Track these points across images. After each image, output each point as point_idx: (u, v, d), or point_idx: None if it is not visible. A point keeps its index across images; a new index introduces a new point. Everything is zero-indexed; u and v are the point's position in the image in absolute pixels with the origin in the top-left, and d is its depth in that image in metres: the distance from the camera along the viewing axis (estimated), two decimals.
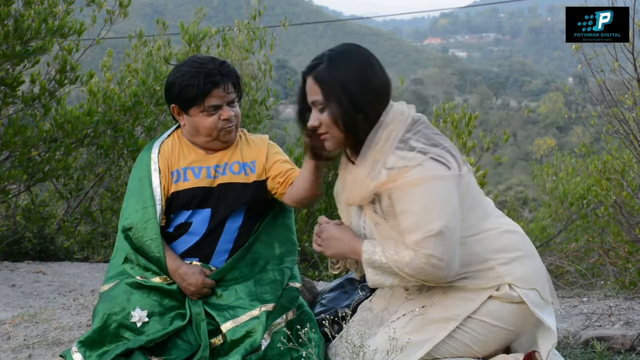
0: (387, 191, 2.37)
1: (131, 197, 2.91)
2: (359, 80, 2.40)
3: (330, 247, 2.55)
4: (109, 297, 2.75)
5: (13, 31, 4.92)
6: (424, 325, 2.44)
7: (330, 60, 2.43)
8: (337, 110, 2.40)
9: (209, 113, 2.83)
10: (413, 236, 2.32)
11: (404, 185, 2.33)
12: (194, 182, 2.88)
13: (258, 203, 2.92)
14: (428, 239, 2.30)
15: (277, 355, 2.63)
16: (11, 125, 5.03)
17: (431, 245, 2.30)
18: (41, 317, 3.53)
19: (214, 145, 2.91)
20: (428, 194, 2.31)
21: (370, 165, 2.41)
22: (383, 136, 2.40)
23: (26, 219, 5.54)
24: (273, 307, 2.73)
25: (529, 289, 2.43)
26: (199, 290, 2.78)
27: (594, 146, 7.29)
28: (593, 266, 5.31)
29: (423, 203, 2.31)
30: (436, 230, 2.29)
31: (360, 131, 2.43)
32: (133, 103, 5.67)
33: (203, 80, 2.79)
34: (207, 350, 2.65)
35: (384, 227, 2.44)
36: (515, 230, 2.53)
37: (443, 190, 2.33)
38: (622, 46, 4.32)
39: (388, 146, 2.38)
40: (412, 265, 2.33)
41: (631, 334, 3.00)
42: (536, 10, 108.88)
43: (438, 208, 2.31)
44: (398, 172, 2.34)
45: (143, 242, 2.82)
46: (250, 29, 7.22)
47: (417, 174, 2.32)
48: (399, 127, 2.41)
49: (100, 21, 5.97)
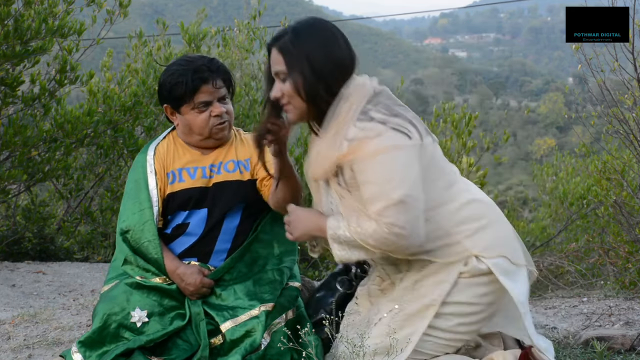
0: (349, 163, 2.37)
1: (128, 199, 2.91)
2: (322, 51, 2.41)
3: (297, 229, 2.55)
4: (108, 297, 2.75)
5: (13, 31, 4.92)
6: (405, 320, 2.43)
7: (294, 32, 2.45)
8: (299, 79, 2.41)
9: (200, 110, 2.85)
10: (375, 206, 2.31)
11: (365, 156, 2.32)
12: (190, 183, 2.88)
13: (255, 202, 2.92)
14: (389, 207, 2.29)
15: (276, 355, 2.63)
16: (11, 125, 5.03)
17: (393, 213, 2.28)
18: (41, 317, 3.53)
19: (208, 143, 2.92)
20: (388, 164, 2.31)
21: (332, 137, 2.40)
22: (344, 108, 2.40)
23: (26, 219, 5.54)
24: (272, 306, 2.73)
25: (496, 257, 2.42)
26: (198, 290, 2.78)
27: (594, 146, 7.29)
28: (593, 266, 5.31)
29: (383, 172, 2.30)
30: (397, 198, 2.28)
31: (322, 102, 2.43)
32: (133, 103, 5.67)
33: (191, 77, 2.81)
34: (206, 350, 2.65)
35: (348, 199, 2.43)
36: (477, 198, 2.51)
37: (404, 159, 2.32)
38: (622, 46, 4.32)
39: (349, 118, 2.38)
40: (376, 235, 2.32)
41: (631, 334, 3.00)
42: (536, 10, 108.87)
43: (399, 177, 2.30)
44: (358, 143, 2.33)
45: (141, 244, 2.83)
46: (250, 29, 7.22)
47: (377, 144, 2.31)
48: (359, 98, 2.40)
49: (100, 21, 5.97)
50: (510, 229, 2.56)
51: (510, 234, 2.53)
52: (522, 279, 2.49)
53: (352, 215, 2.40)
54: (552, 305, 3.81)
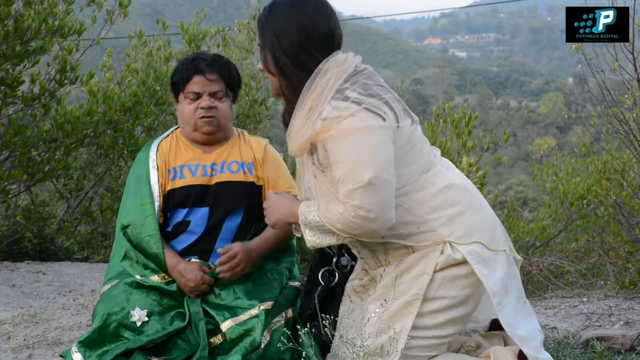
0: (322, 141, 2.35)
1: (129, 195, 2.94)
2: (294, 27, 2.40)
3: (273, 215, 2.56)
4: (108, 297, 2.75)
5: (13, 31, 4.92)
6: (390, 319, 2.41)
7: (270, 7, 2.47)
8: (269, 54, 2.44)
9: (190, 100, 2.90)
10: (343, 187, 2.29)
11: (336, 135, 2.30)
12: (190, 180, 2.90)
13: (257, 205, 2.92)
14: (357, 190, 2.26)
15: (276, 354, 2.63)
16: (11, 125, 5.03)
17: (359, 196, 2.26)
18: (41, 317, 3.53)
19: (197, 136, 2.95)
20: (358, 145, 2.28)
21: (307, 114, 2.38)
22: (320, 83, 2.37)
23: (26, 219, 5.54)
24: (272, 305, 2.73)
25: (471, 244, 2.39)
26: (198, 286, 2.78)
27: (594, 146, 7.29)
28: (593, 266, 5.30)
29: (353, 154, 2.28)
30: (365, 180, 2.25)
31: (292, 76, 2.42)
32: (133, 103, 5.67)
33: (187, 66, 2.90)
34: (205, 350, 2.65)
35: (321, 179, 2.41)
36: (454, 183, 2.47)
37: (375, 141, 2.28)
38: (622, 46, 4.32)
39: (325, 95, 2.36)
40: (343, 219, 2.30)
41: (631, 334, 3.00)
42: (536, 10, 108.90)
43: (368, 159, 2.26)
44: (331, 122, 2.31)
45: (141, 239, 2.83)
46: (250, 29, 7.22)
47: (349, 124, 2.29)
48: (337, 75, 2.38)
49: (100, 21, 5.97)
50: (489, 214, 2.52)
51: (487, 219, 2.49)
52: (500, 266, 2.44)
53: (322, 199, 2.38)
54: (552, 305, 3.81)
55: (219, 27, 7.30)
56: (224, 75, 2.92)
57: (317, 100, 2.36)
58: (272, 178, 2.96)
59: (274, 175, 2.96)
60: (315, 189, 2.43)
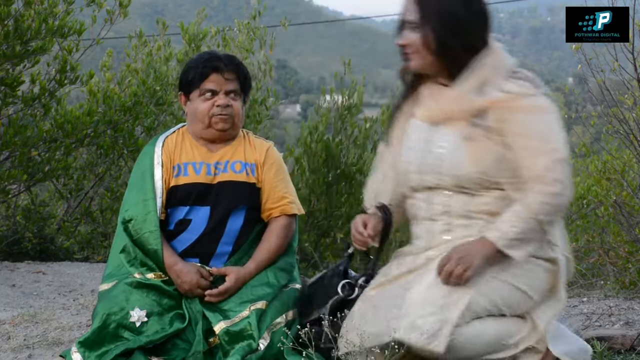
0: (500, 109, 2.36)
1: (132, 189, 2.94)
2: (460, 4, 2.38)
3: (472, 265, 2.32)
4: (108, 297, 2.75)
5: (13, 31, 4.92)
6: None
7: None
8: (431, 34, 2.37)
9: (206, 98, 2.89)
10: (541, 159, 2.32)
11: (526, 108, 2.35)
12: (193, 178, 2.89)
13: (258, 206, 2.94)
14: (556, 163, 2.32)
15: (276, 355, 2.62)
16: (11, 125, 5.03)
17: (559, 169, 2.32)
18: (41, 317, 3.53)
19: (209, 134, 2.93)
20: (552, 123, 2.37)
21: (476, 84, 2.38)
22: (489, 60, 2.40)
23: (26, 219, 5.54)
24: (265, 304, 2.72)
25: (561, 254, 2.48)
26: (193, 290, 2.78)
27: (594, 146, 7.28)
28: (593, 266, 5.30)
29: (548, 130, 2.35)
30: (562, 156, 2.33)
31: (455, 57, 2.39)
32: (133, 103, 5.67)
33: (203, 64, 2.89)
34: (200, 345, 2.65)
35: (481, 143, 2.37)
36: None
37: (559, 124, 2.38)
38: (622, 46, 4.31)
39: (499, 71, 2.39)
40: (540, 198, 2.31)
41: (631, 334, 3.00)
42: (536, 10, 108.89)
43: (561, 138, 2.36)
44: (516, 95, 2.36)
45: (142, 235, 2.83)
46: (250, 29, 7.20)
47: (538, 102, 2.37)
48: (505, 57, 2.44)
49: (100, 21, 5.96)
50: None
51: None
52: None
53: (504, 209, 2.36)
54: None
55: (219, 27, 7.29)
56: (239, 75, 2.94)
57: (488, 75, 2.39)
58: (271, 182, 2.95)
59: (273, 179, 2.96)
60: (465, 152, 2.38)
